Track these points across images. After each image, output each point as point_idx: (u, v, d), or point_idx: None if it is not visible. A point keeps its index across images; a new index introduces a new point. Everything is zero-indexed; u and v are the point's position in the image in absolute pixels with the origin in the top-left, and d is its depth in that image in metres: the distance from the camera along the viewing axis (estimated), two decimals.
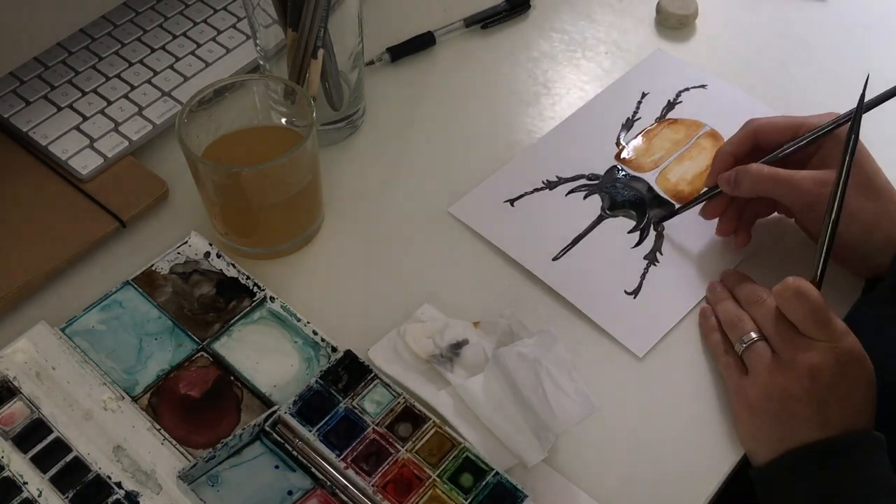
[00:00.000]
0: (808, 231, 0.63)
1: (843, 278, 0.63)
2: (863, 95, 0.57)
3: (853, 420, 0.53)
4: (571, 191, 0.69)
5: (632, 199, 0.68)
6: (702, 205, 0.65)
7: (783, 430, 0.53)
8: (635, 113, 0.74)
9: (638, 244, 0.66)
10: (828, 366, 0.53)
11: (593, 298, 0.62)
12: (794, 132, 0.62)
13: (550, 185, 0.69)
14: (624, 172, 0.70)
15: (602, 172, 0.70)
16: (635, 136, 0.72)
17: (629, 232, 0.66)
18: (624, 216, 0.67)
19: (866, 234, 0.58)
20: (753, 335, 0.56)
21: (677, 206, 0.67)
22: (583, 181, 0.69)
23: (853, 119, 0.57)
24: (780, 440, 0.54)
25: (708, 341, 0.60)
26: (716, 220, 0.65)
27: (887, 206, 0.58)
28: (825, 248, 0.56)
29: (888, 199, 0.59)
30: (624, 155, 0.71)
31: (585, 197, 0.69)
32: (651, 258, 0.65)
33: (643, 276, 0.64)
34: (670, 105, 0.74)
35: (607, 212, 0.67)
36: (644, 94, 0.75)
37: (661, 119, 0.74)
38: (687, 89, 0.76)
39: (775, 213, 0.65)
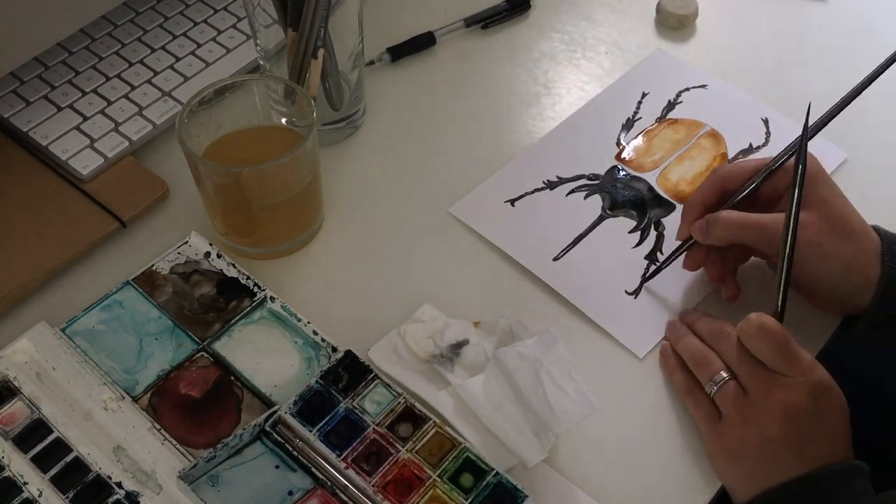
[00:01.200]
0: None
1: (813, 314, 0.61)
2: (806, 123, 0.57)
3: (830, 452, 0.52)
4: (572, 191, 0.69)
5: (632, 199, 0.68)
6: (682, 258, 0.63)
7: (762, 472, 0.53)
8: (635, 113, 0.74)
9: (638, 244, 0.66)
10: (802, 402, 0.52)
11: (593, 298, 0.63)
12: (758, 174, 0.61)
13: (551, 185, 0.69)
14: (624, 172, 0.70)
15: (602, 172, 0.70)
16: (636, 137, 0.72)
17: (630, 232, 0.66)
18: (624, 216, 0.67)
19: (845, 275, 0.57)
20: (724, 374, 0.55)
21: (677, 205, 0.67)
22: (583, 181, 0.69)
23: (798, 149, 0.57)
24: (760, 481, 0.53)
25: (673, 381, 0.59)
26: None
27: (864, 245, 0.57)
28: (783, 279, 0.55)
29: (864, 239, 0.58)
30: (624, 155, 0.71)
31: (586, 197, 0.69)
32: (651, 258, 0.65)
33: (644, 277, 0.64)
34: (671, 105, 0.74)
35: (608, 212, 0.67)
36: (644, 94, 0.75)
37: (661, 119, 0.74)
38: (687, 89, 0.76)
39: (753, 258, 0.64)
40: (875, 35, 0.82)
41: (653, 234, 0.66)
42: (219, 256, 0.63)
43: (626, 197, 0.68)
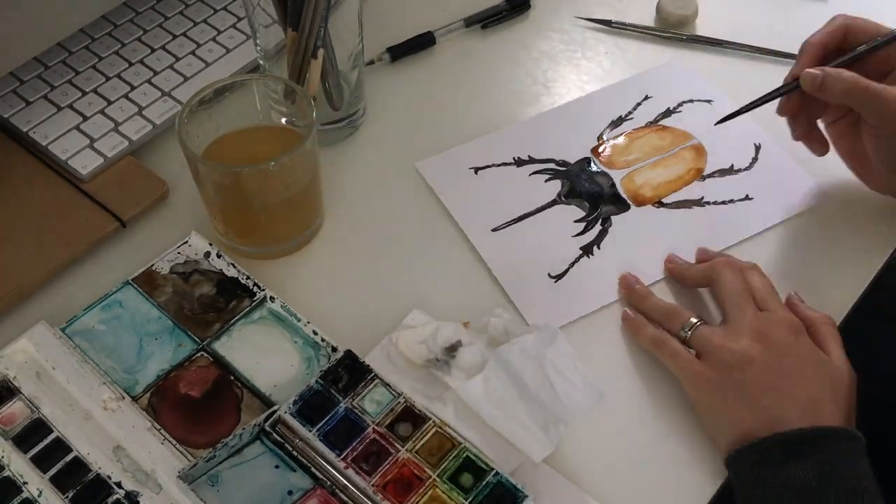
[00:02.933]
0: (870, 151, 0.61)
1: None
2: None
3: (808, 391, 0.53)
4: (536, 171, 0.70)
5: (590, 192, 0.68)
6: (777, 101, 0.63)
7: (744, 404, 0.53)
8: (629, 113, 0.74)
9: (580, 234, 0.66)
10: (786, 326, 0.54)
11: (516, 275, 0.63)
12: (884, 36, 0.60)
13: (518, 163, 0.70)
14: (594, 166, 0.70)
15: (573, 161, 0.70)
16: (619, 135, 0.72)
17: (575, 221, 0.67)
18: (577, 206, 0.68)
19: None
20: (694, 320, 0.57)
21: (633, 207, 0.67)
22: (551, 165, 0.70)
23: None
24: (744, 416, 0.53)
25: (641, 336, 0.59)
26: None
27: None
28: None
29: None
30: (601, 149, 0.71)
31: (547, 180, 0.69)
32: (587, 250, 0.65)
33: (572, 265, 0.64)
34: (668, 112, 0.74)
35: (562, 198, 0.68)
36: (646, 97, 0.75)
37: (651, 123, 0.73)
38: (691, 101, 0.75)
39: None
40: None
41: (597, 228, 0.66)
42: (219, 256, 0.63)
43: (586, 188, 0.69)
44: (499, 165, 0.70)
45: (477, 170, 0.69)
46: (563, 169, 0.70)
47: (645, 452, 0.56)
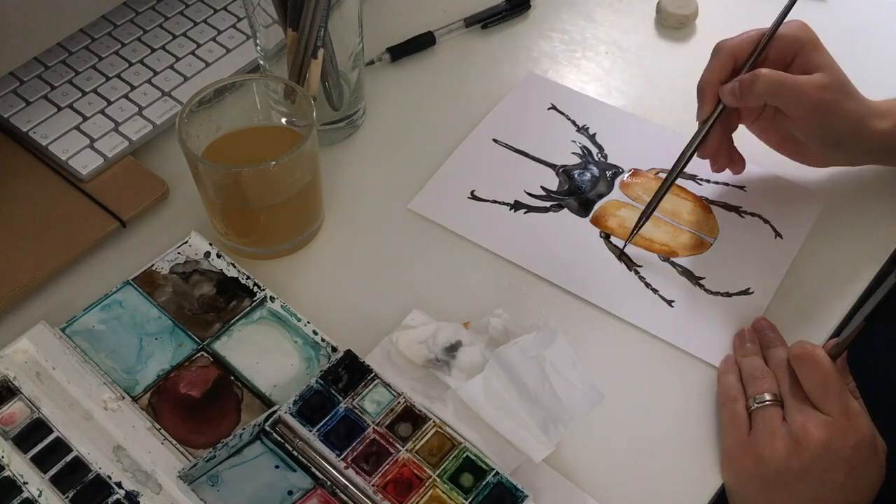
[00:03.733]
0: (802, 137, 0.63)
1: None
2: None
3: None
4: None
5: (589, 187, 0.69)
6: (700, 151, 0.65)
7: (770, 498, 0.53)
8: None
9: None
10: (836, 445, 0.52)
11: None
12: (762, 39, 0.63)
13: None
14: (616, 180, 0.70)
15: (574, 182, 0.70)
16: (658, 174, 0.70)
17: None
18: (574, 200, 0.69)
19: (856, 130, 0.61)
20: (768, 398, 0.55)
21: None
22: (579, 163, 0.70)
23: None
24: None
25: (721, 381, 0.58)
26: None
27: (866, 103, 0.62)
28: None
29: (865, 98, 0.62)
30: (627, 178, 0.70)
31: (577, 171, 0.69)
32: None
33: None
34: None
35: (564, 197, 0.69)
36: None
37: (706, 199, 0.69)
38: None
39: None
40: (875, 35, 0.82)
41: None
42: (219, 256, 0.63)
43: (586, 185, 0.69)
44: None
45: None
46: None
47: (644, 452, 0.56)
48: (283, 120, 0.67)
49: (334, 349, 0.58)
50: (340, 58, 0.67)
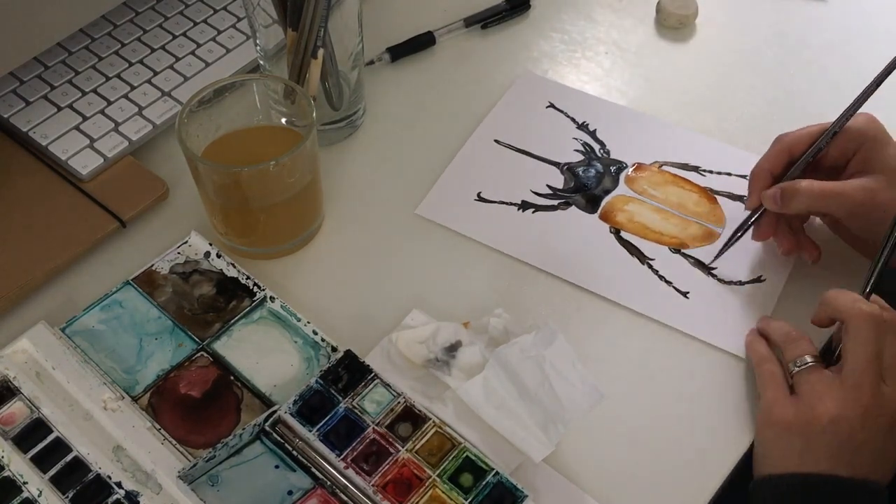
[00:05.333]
0: (851, 238, 0.62)
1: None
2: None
3: (873, 468, 0.51)
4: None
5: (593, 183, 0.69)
6: (751, 231, 0.64)
7: (806, 451, 0.52)
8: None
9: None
10: (888, 412, 0.51)
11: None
12: (822, 136, 0.60)
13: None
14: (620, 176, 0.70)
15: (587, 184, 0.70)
16: (666, 166, 0.70)
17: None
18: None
19: None
20: (809, 359, 0.54)
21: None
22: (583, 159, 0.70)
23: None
24: (796, 459, 0.52)
25: (751, 349, 0.58)
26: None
27: None
28: (881, 262, 0.55)
29: None
30: (632, 171, 0.70)
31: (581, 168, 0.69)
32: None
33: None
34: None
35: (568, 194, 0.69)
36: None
37: (710, 189, 0.69)
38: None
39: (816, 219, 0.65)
40: (875, 35, 0.82)
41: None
42: (218, 256, 0.63)
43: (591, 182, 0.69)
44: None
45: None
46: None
47: (645, 452, 0.56)
48: (283, 120, 0.67)
49: (334, 349, 0.58)
50: (340, 58, 0.67)
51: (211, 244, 0.63)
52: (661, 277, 0.64)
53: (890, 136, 0.60)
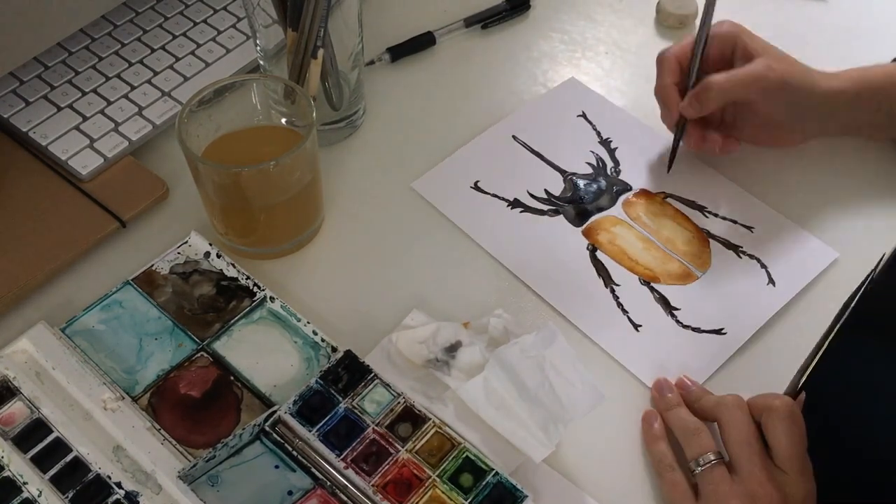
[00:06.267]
0: (768, 129, 0.67)
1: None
2: None
3: None
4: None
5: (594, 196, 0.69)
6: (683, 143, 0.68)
7: None
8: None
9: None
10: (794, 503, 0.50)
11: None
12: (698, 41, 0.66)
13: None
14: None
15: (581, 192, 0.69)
16: (662, 197, 0.69)
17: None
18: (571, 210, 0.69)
19: (811, 91, 0.65)
20: (712, 457, 0.52)
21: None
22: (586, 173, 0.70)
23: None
24: None
25: (652, 451, 0.55)
26: None
27: (810, 69, 0.66)
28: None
29: (806, 65, 0.66)
30: (633, 197, 0.69)
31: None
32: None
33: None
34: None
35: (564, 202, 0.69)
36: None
37: (704, 231, 0.67)
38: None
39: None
40: (875, 35, 0.82)
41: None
42: (218, 256, 0.63)
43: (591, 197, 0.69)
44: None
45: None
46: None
47: (645, 452, 0.56)
48: (283, 120, 0.67)
49: (334, 349, 0.58)
50: (340, 58, 0.67)
51: (211, 244, 0.63)
52: (619, 305, 0.62)
53: (749, 30, 0.67)
